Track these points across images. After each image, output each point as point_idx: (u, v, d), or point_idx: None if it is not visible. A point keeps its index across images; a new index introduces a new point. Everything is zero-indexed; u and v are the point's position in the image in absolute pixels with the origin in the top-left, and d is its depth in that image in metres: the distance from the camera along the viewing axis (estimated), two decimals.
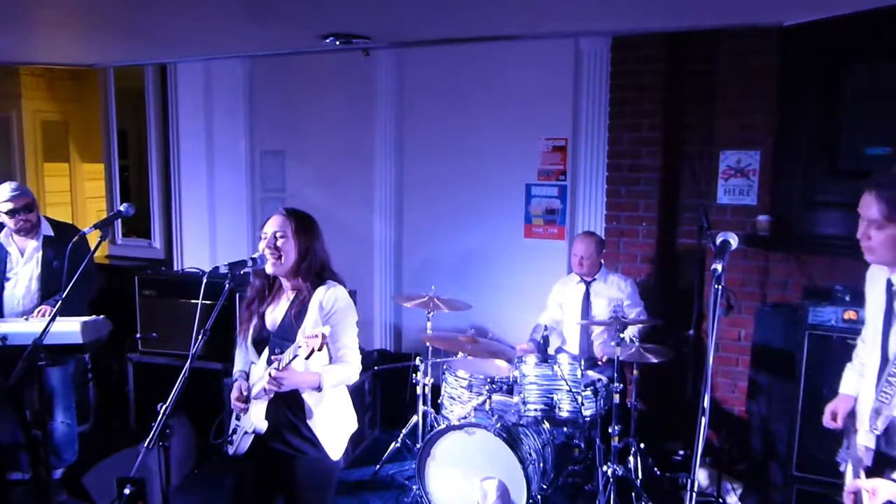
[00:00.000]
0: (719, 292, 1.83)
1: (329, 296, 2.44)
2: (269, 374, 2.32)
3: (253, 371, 2.55)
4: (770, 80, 4.12)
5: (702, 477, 3.90)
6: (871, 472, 2.14)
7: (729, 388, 4.43)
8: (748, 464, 4.02)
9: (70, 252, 3.22)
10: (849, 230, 4.03)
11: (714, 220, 4.17)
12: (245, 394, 2.47)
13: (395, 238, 5.27)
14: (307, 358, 2.24)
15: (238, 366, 2.63)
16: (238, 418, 2.54)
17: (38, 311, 3.57)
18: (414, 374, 4.14)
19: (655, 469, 3.97)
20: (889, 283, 2.16)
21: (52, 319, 2.76)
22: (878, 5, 2.84)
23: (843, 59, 3.99)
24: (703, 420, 1.71)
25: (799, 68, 4.07)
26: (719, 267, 1.85)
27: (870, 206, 2.06)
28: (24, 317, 3.55)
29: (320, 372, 2.40)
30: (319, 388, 2.41)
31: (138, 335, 4.61)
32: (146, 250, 5.89)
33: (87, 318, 3.16)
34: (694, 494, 1.67)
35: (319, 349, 2.21)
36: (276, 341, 2.46)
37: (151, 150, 5.74)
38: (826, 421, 2.43)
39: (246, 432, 2.49)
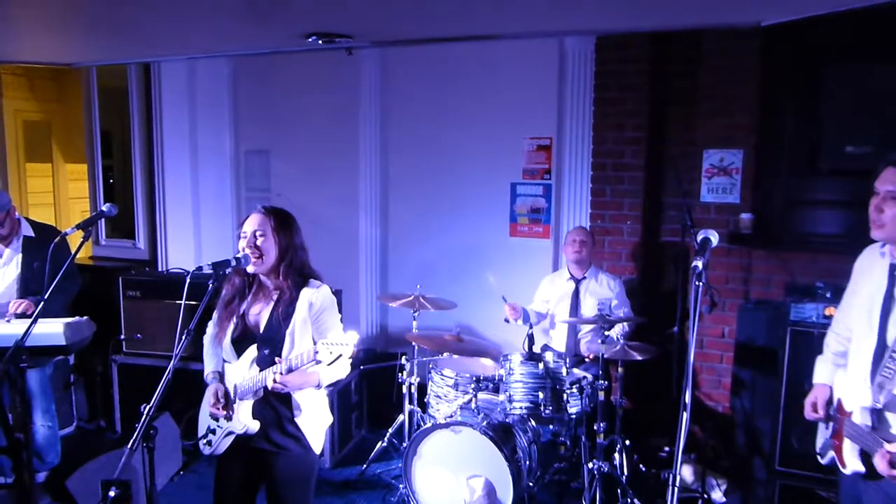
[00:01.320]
0: (700, 289, 1.85)
1: (317, 295, 2.48)
2: (274, 379, 2.32)
3: (229, 370, 2.53)
4: (753, 81, 4.17)
5: (687, 473, 3.93)
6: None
7: (713, 385, 4.48)
8: (732, 459, 4.06)
9: (51, 253, 3.19)
10: (830, 228, 4.13)
11: (698, 218, 4.21)
12: (223, 399, 2.46)
13: (381, 237, 5.26)
14: (330, 364, 2.24)
15: (209, 367, 2.61)
16: (216, 418, 2.52)
17: (15, 304, 3.51)
18: (400, 374, 4.14)
19: (641, 465, 3.99)
20: (892, 268, 2.15)
21: (34, 321, 2.73)
22: (852, 6, 2.88)
23: (823, 59, 4.05)
24: (685, 415, 1.73)
25: (780, 68, 4.12)
26: (699, 264, 1.87)
27: (888, 180, 2.08)
28: (5, 318, 3.51)
29: (318, 371, 2.42)
30: (319, 386, 2.47)
31: (122, 336, 4.57)
32: (130, 251, 5.83)
33: (70, 320, 3.13)
34: (676, 489, 1.69)
35: (351, 357, 2.24)
36: (263, 342, 2.46)
37: (135, 151, 5.68)
38: (807, 413, 2.43)
39: (231, 432, 2.48)
